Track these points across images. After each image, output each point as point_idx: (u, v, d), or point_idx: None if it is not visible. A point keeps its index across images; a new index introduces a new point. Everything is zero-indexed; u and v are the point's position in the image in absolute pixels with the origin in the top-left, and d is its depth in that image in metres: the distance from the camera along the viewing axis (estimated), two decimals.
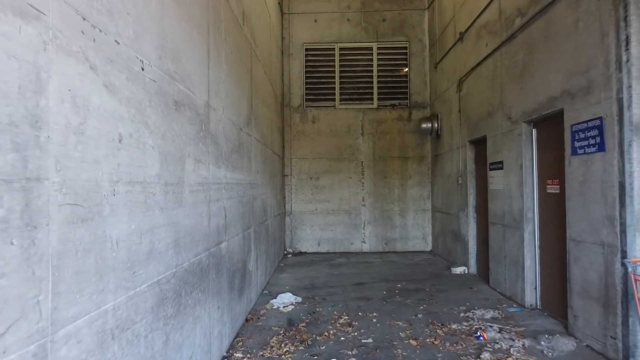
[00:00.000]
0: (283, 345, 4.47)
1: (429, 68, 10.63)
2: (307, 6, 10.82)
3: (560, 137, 4.82)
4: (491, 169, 6.69)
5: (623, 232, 3.76)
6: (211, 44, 3.89)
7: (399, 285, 7.14)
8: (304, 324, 5.12)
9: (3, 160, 1.42)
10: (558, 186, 5.08)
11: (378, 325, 5.11)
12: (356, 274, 8.06)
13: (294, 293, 6.38)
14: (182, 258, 3.03)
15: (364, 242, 10.73)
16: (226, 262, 4.32)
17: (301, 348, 4.40)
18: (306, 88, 10.83)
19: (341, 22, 10.84)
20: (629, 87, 3.66)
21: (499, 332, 4.69)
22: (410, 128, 10.73)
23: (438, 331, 4.84)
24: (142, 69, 2.42)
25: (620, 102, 3.76)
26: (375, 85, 10.79)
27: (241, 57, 5.29)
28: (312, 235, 10.72)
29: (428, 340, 4.57)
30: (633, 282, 3.59)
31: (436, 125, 9.76)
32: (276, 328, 5.00)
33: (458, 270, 7.98)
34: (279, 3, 10.07)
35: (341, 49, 10.80)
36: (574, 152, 4.45)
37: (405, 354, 4.21)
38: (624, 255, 3.76)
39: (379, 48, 10.81)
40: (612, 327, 3.92)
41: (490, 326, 4.89)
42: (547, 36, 4.94)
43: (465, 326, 4.97)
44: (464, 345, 4.41)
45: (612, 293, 3.91)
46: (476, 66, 7.23)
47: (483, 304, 5.82)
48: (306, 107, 10.80)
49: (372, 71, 10.80)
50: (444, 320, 5.21)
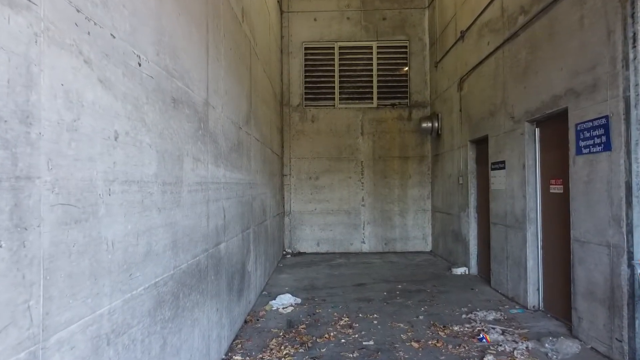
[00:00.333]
0: (283, 347, 4.40)
1: (430, 67, 10.56)
2: (307, 4, 10.74)
3: (564, 137, 4.76)
4: (493, 169, 6.62)
5: (630, 233, 3.69)
6: (210, 41, 3.81)
7: (400, 286, 7.07)
8: (304, 326, 5.05)
9: None
10: (561, 186, 5.01)
11: (379, 327, 5.03)
12: (356, 275, 7.98)
13: (294, 294, 6.30)
14: (180, 259, 2.95)
15: (364, 243, 10.65)
16: (225, 264, 4.24)
17: (301, 350, 4.33)
18: (305, 87, 10.75)
19: (341, 21, 10.76)
20: (637, 85, 3.59)
21: (502, 334, 4.62)
22: (410, 127, 10.66)
23: (440, 333, 4.77)
24: (139, 65, 2.34)
25: (627, 101, 3.69)
26: (375, 84, 10.71)
27: (240, 55, 5.21)
28: (312, 235, 10.64)
29: (430, 342, 4.50)
30: None
31: (436, 124, 9.69)
32: (276, 330, 4.93)
33: (459, 270, 7.91)
34: (278, 1, 9.98)
35: (341, 48, 10.72)
36: (579, 152, 4.38)
37: (407, 357, 4.14)
38: (630, 256, 3.69)
39: (379, 47, 10.73)
40: (618, 330, 3.85)
41: (492, 328, 4.82)
42: (551, 34, 4.87)
43: (467, 328, 4.90)
44: (467, 347, 4.34)
45: (618, 295, 3.84)
46: (478, 65, 7.16)
47: (485, 305, 5.75)
48: (305, 106, 10.73)
49: (372, 70, 10.73)
50: (446, 321, 5.14)
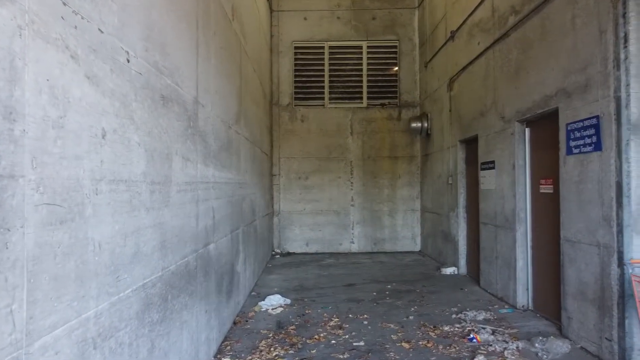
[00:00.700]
0: (272, 349, 4.34)
1: (419, 67, 10.57)
2: (297, 3, 10.68)
3: (554, 137, 4.77)
4: (483, 169, 6.63)
5: (620, 233, 3.71)
6: (200, 38, 3.75)
7: (390, 286, 7.05)
8: (294, 327, 5.00)
9: None
10: (552, 186, 5.03)
11: (369, 327, 5.01)
12: (346, 275, 7.95)
13: (283, 295, 6.24)
14: (169, 260, 2.89)
15: (353, 243, 10.63)
16: (214, 264, 4.18)
17: (291, 352, 4.28)
18: (295, 86, 10.69)
19: (331, 20, 10.72)
20: (627, 85, 3.61)
21: (492, 334, 4.62)
22: (400, 127, 10.66)
23: (430, 333, 4.75)
24: (128, 61, 2.28)
25: (618, 101, 3.70)
26: (365, 84, 10.69)
27: (230, 53, 5.15)
28: (301, 235, 10.59)
29: (420, 342, 4.48)
30: (633, 284, 3.54)
31: (426, 124, 9.70)
32: (265, 331, 4.87)
33: (448, 270, 7.92)
34: (268, 0, 9.92)
35: (331, 48, 10.68)
36: (569, 152, 4.39)
37: (398, 358, 4.12)
38: (621, 256, 3.70)
39: (369, 47, 10.71)
40: (608, 329, 3.86)
41: (483, 328, 4.82)
42: (543, 34, 4.88)
43: (457, 328, 4.89)
44: (457, 347, 4.33)
45: (608, 294, 3.85)
46: (468, 65, 7.17)
47: (475, 305, 5.76)
48: (295, 106, 10.67)
49: (362, 70, 10.71)
50: (436, 322, 5.13)
